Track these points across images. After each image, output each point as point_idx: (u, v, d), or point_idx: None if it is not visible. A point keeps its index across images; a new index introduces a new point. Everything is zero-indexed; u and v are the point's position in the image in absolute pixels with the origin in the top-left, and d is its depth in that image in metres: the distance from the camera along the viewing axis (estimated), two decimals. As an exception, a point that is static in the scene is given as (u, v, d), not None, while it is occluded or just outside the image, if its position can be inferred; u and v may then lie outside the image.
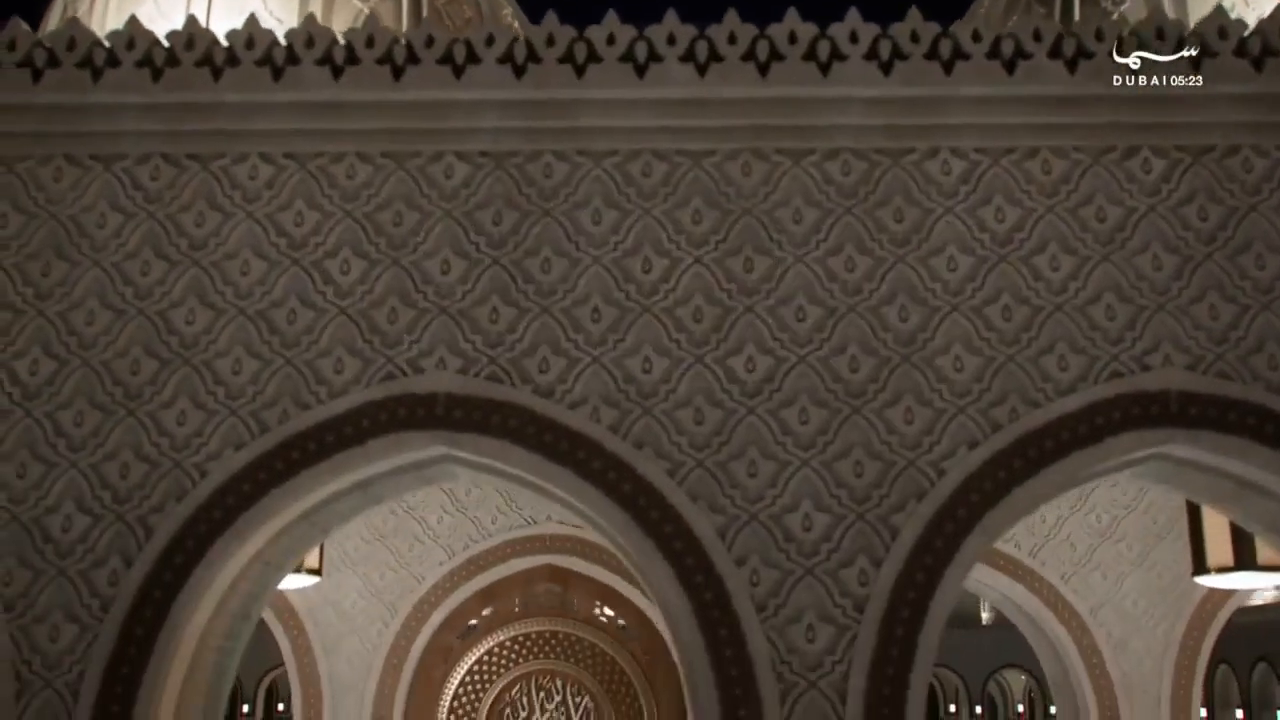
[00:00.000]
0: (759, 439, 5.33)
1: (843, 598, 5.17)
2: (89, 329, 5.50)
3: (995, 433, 5.30)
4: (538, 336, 5.45)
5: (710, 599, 5.17)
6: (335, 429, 5.35)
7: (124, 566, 5.26)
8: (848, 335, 5.43)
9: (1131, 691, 9.61)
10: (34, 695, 5.15)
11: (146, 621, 5.18)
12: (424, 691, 9.84)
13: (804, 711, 5.07)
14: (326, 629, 9.86)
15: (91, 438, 5.39)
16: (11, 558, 5.28)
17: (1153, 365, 5.35)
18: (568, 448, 5.31)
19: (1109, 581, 9.75)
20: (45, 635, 5.20)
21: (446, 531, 9.93)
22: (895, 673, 5.08)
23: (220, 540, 5.26)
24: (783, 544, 5.23)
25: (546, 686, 9.91)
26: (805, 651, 5.13)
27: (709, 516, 5.25)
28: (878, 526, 5.23)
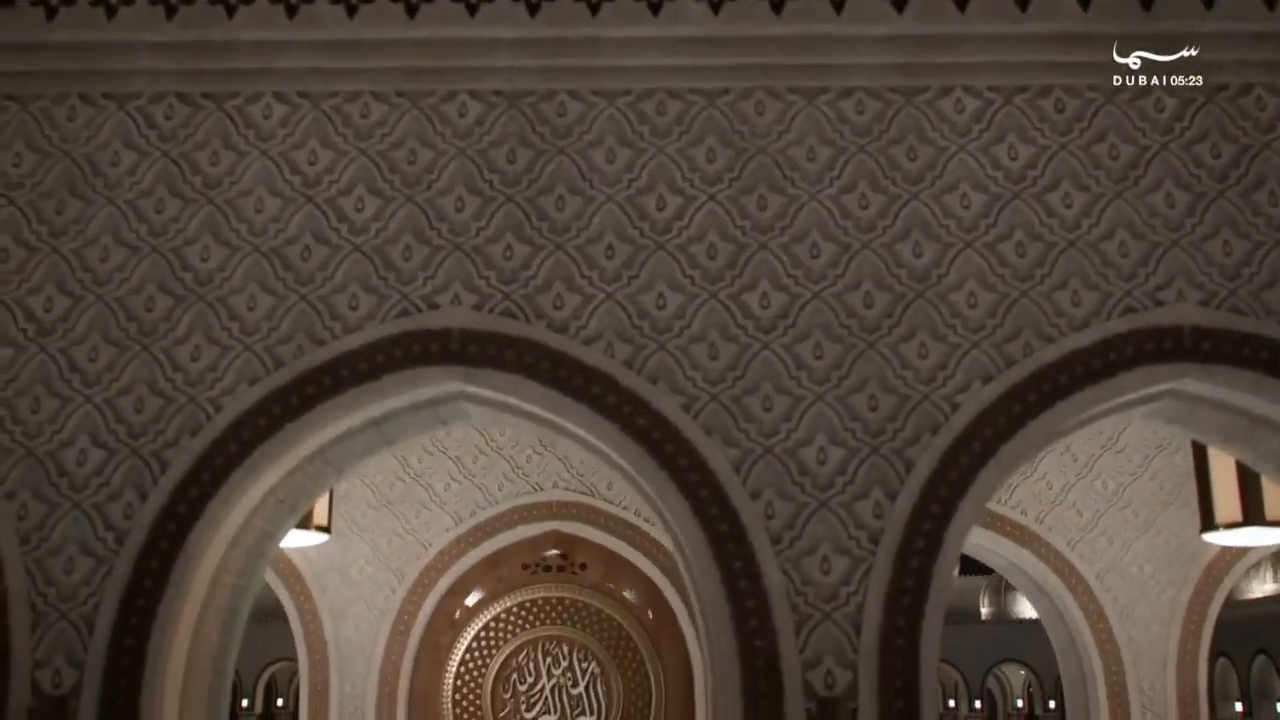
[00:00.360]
0: (773, 374, 5.34)
1: (857, 530, 5.18)
2: (103, 266, 5.50)
3: (1009, 367, 5.31)
4: (552, 273, 5.45)
5: (726, 531, 5.17)
6: (350, 364, 5.35)
7: (139, 500, 5.27)
8: (862, 271, 5.44)
9: (1138, 656, 9.63)
10: (49, 627, 5.15)
11: (161, 554, 5.19)
12: (431, 656, 9.84)
13: (819, 642, 5.08)
14: (334, 594, 9.86)
15: (106, 373, 5.39)
16: (26, 491, 5.28)
17: (1166, 301, 5.36)
18: (582, 383, 5.32)
19: (1115, 547, 9.76)
20: (60, 568, 5.20)
21: (453, 498, 9.93)
22: (910, 603, 5.09)
23: (235, 474, 5.26)
24: (797, 477, 5.24)
25: (553, 652, 9.91)
26: (820, 583, 5.14)
27: (724, 450, 5.26)
28: (892, 460, 5.24)
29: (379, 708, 9.65)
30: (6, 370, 5.40)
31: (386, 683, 9.67)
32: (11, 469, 5.30)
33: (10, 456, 5.31)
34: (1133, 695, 9.58)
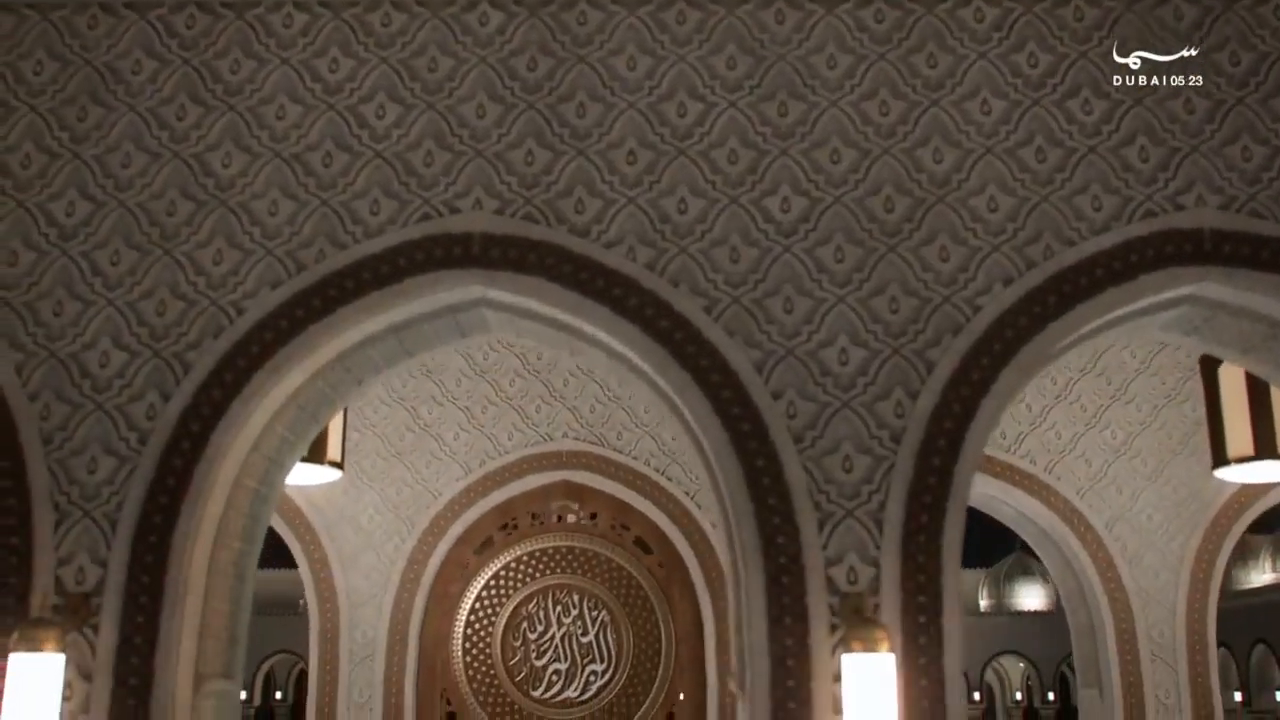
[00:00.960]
0: (795, 276, 5.35)
1: (879, 429, 5.20)
2: (124, 172, 5.51)
3: (1030, 270, 5.33)
4: (573, 178, 5.47)
5: (748, 431, 5.18)
6: (372, 267, 5.36)
7: (161, 401, 5.27)
8: (882, 177, 5.45)
9: (1147, 604, 9.64)
10: (72, 525, 5.15)
11: (184, 453, 5.19)
12: (441, 605, 9.84)
13: (841, 538, 5.09)
14: (343, 544, 9.85)
15: (128, 276, 5.40)
16: (49, 393, 5.29)
17: (1186, 205, 5.38)
18: (604, 285, 5.33)
19: (1124, 496, 9.77)
20: (83, 467, 5.21)
21: (463, 448, 9.93)
22: (932, 500, 5.10)
23: (258, 375, 5.27)
24: (819, 378, 5.25)
25: (563, 601, 9.91)
26: (842, 481, 5.15)
27: (746, 351, 5.28)
28: (913, 361, 5.26)
29: (389, 655, 9.64)
30: (29, 274, 5.41)
31: (397, 630, 9.67)
32: (34, 371, 5.31)
33: (33, 359, 5.32)
34: (1142, 642, 9.59)
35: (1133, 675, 9.56)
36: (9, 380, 5.27)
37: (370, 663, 9.68)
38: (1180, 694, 9.53)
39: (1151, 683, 9.56)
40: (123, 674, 4.99)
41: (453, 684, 9.76)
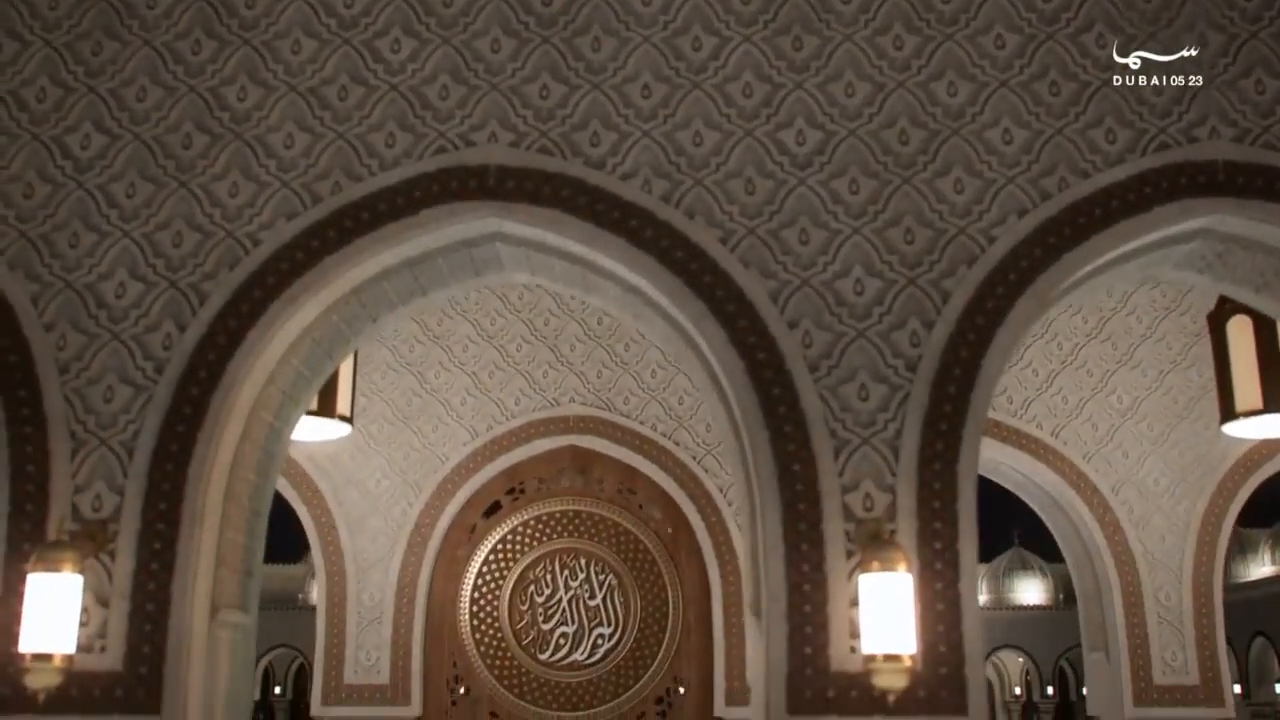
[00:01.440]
0: (810, 208, 5.36)
1: (895, 358, 5.21)
2: (140, 105, 5.51)
3: (1044, 201, 5.34)
4: (588, 112, 5.48)
5: (764, 360, 5.19)
6: (388, 199, 5.37)
7: (178, 331, 5.28)
8: (897, 110, 5.47)
9: (1154, 567, 9.65)
10: (89, 453, 5.16)
11: (201, 382, 5.20)
12: (448, 568, 9.84)
13: (857, 465, 5.10)
14: (351, 508, 9.85)
15: (144, 208, 5.41)
16: (65, 323, 5.29)
17: (1200, 138, 5.40)
18: (619, 217, 5.34)
19: (1130, 460, 9.79)
20: (99, 396, 5.21)
21: (470, 413, 9.94)
22: (948, 429, 5.11)
23: (274, 306, 5.28)
24: (835, 308, 5.26)
25: (570, 564, 9.92)
26: (858, 409, 5.16)
27: (761, 282, 5.29)
28: (929, 291, 5.27)
29: (397, 618, 9.64)
30: (45, 206, 5.41)
31: (404, 593, 9.67)
32: (50, 302, 5.31)
33: (49, 290, 5.33)
34: (1149, 605, 9.60)
35: (1139, 638, 9.57)
36: (25, 310, 5.28)
37: (378, 625, 9.69)
38: (1187, 656, 9.54)
39: (1158, 645, 9.57)
40: (139, 600, 4.99)
41: (460, 647, 9.76)
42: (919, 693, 4.86)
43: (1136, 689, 9.50)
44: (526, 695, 9.67)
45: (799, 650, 4.92)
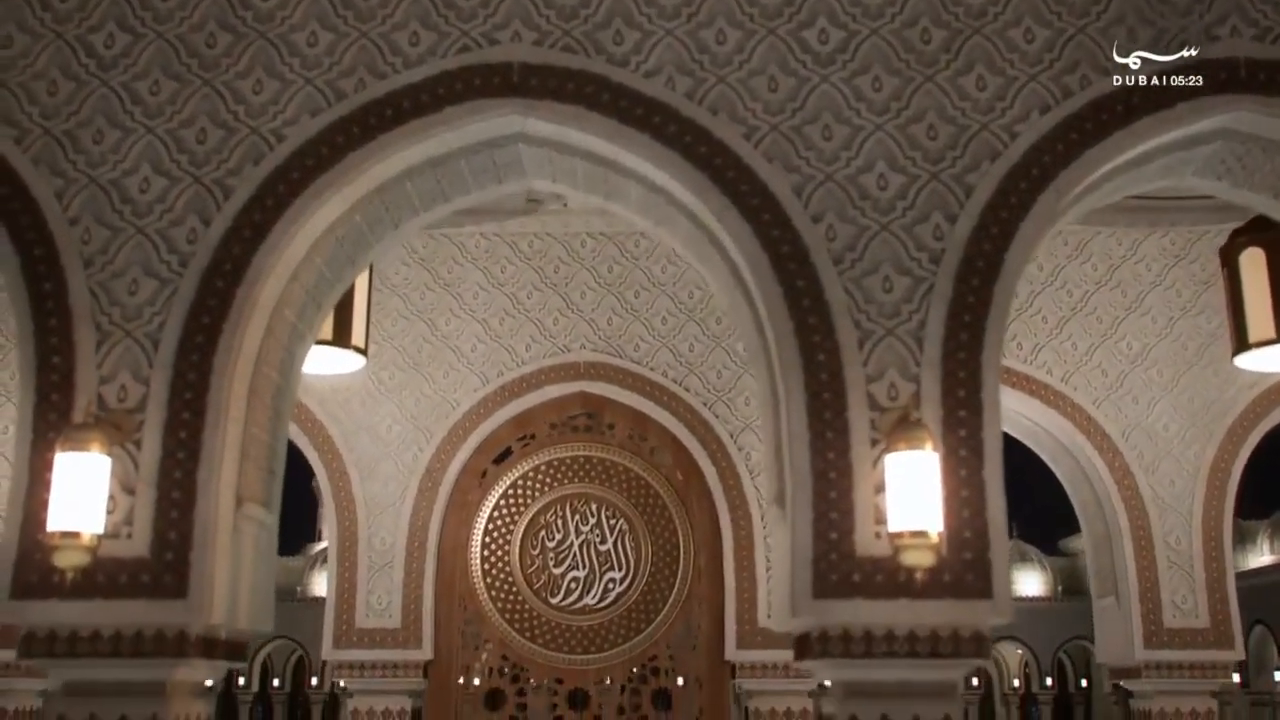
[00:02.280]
0: (833, 105, 5.38)
1: (918, 251, 5.23)
2: (163, 4, 5.52)
3: (1066, 98, 5.36)
4: (611, 10, 5.49)
5: (788, 252, 5.21)
6: (412, 96, 5.38)
7: (202, 226, 5.29)
8: (919, 9, 5.48)
9: (1164, 511, 9.68)
10: (114, 344, 5.16)
11: (226, 275, 5.21)
12: (459, 513, 9.85)
13: (881, 356, 5.12)
14: (362, 453, 9.86)
15: (168, 105, 5.42)
16: (89, 217, 5.30)
17: (1220, 36, 5.42)
18: (643, 113, 5.35)
19: (1140, 406, 9.82)
20: (124, 289, 5.22)
21: (480, 359, 9.96)
22: (972, 319, 5.13)
23: (299, 200, 5.29)
24: (858, 202, 5.28)
25: (581, 510, 9.93)
26: (882, 301, 5.18)
27: (785, 177, 5.30)
28: (951, 185, 5.29)
29: (408, 562, 9.65)
30: (69, 103, 5.42)
31: (415, 538, 9.68)
32: (74, 197, 5.32)
33: (73, 185, 5.33)
34: (1159, 549, 9.63)
35: (1149, 581, 9.60)
36: (50, 205, 5.29)
37: (389, 570, 9.70)
38: (1196, 599, 9.58)
39: (1168, 589, 9.60)
40: (165, 488, 5.00)
41: (471, 590, 9.77)
42: (944, 576, 4.88)
43: (1147, 632, 9.53)
44: (538, 639, 9.67)
45: (824, 536, 4.93)
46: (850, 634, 4.91)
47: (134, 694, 4.97)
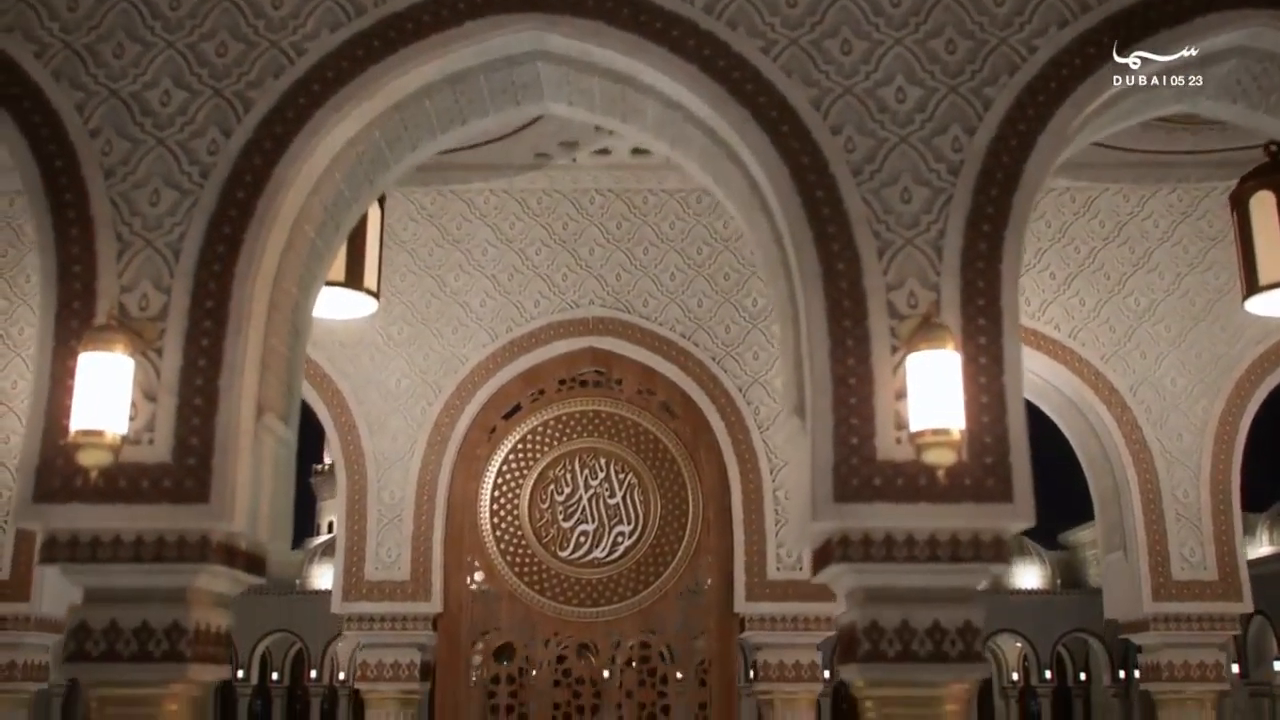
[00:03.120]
0: (851, 19, 5.40)
1: (937, 162, 5.25)
2: (184, -78, 5.53)
3: (1085, 13, 5.39)
4: (631, -72, 5.50)
5: (807, 164, 5.23)
6: (432, 10, 5.40)
7: (223, 138, 5.30)
8: (937, -73, 5.50)
9: (1172, 465, 9.70)
10: (135, 254, 5.18)
11: (247, 185, 5.22)
12: (468, 467, 9.86)
13: (901, 265, 5.14)
14: (370, 408, 9.87)
15: (188, 19, 5.43)
16: (110, 129, 5.31)
17: (1237, -49, 5.44)
18: (662, 27, 5.37)
19: (1148, 361, 9.84)
20: (145, 200, 5.23)
21: (489, 315, 9.97)
22: (991, 229, 5.15)
23: (318, 113, 5.30)
24: (877, 115, 5.30)
25: (590, 464, 9.94)
26: (901, 212, 5.20)
27: (804, 89, 5.32)
28: (970, 98, 5.31)
29: (417, 516, 9.66)
30: (89, 18, 5.43)
31: (424, 492, 9.68)
32: (95, 109, 5.33)
33: (94, 98, 5.35)
34: (1167, 503, 9.64)
35: (1158, 534, 9.62)
36: (71, 118, 5.30)
37: (398, 524, 9.70)
38: (1205, 551, 9.59)
39: (1176, 541, 9.61)
40: (187, 395, 5.01)
41: (479, 544, 9.78)
42: (964, 480, 4.90)
43: (1155, 584, 9.55)
44: (547, 591, 9.68)
45: (845, 441, 4.95)
46: (871, 538, 4.93)
47: (155, 600, 4.99)
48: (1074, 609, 46.58)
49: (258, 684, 48.45)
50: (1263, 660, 38.92)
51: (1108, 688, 46.89)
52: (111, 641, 4.93)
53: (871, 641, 4.93)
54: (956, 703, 4.93)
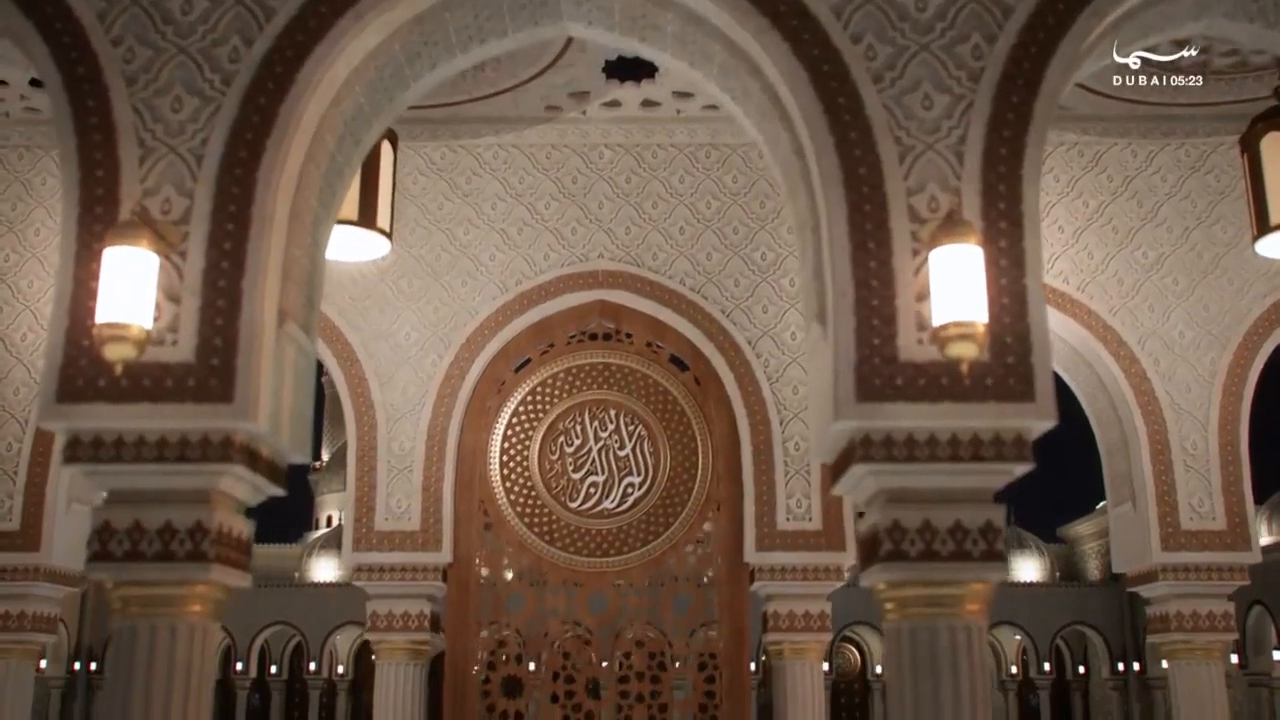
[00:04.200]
0: (871, -70, 5.42)
1: (958, 69, 5.26)
2: None
3: (1103, -76, 5.40)
4: None
5: (828, 70, 5.24)
6: (453, -80, 5.41)
7: (244, 45, 5.31)
8: None
9: (1180, 416, 9.72)
10: (157, 160, 5.18)
11: (269, 92, 5.23)
12: (478, 419, 9.87)
13: (922, 169, 5.16)
14: (381, 360, 9.89)
15: (210, -71, 5.44)
16: (132, 37, 5.31)
17: None
18: (682, -62, 5.39)
19: (1156, 314, 9.87)
20: (167, 106, 5.24)
21: (499, 268, 10.00)
22: (1012, 134, 5.17)
23: (340, 21, 5.31)
24: (898, 23, 5.32)
25: (600, 416, 9.95)
26: (922, 118, 5.22)
27: (824, -1, 5.33)
28: (990, 6, 5.32)
29: (427, 467, 9.67)
30: (110, -71, 5.43)
31: (434, 443, 9.70)
32: (117, 18, 5.34)
33: (115, 6, 5.35)
34: (1175, 454, 9.67)
35: (1166, 485, 9.64)
36: (93, 26, 5.30)
37: (408, 474, 9.72)
38: (1213, 501, 9.61)
39: (1185, 492, 9.64)
40: (211, 296, 5.02)
41: (490, 494, 9.79)
42: (986, 380, 4.92)
43: (1164, 534, 9.57)
44: (556, 541, 9.70)
45: (867, 341, 4.96)
46: (893, 438, 4.94)
47: (178, 501, 5.00)
48: (1073, 602, 46.59)
49: (256, 677, 48.35)
50: (1262, 650, 38.93)
51: (1106, 680, 46.87)
52: (135, 541, 4.94)
53: (894, 541, 4.94)
54: (978, 602, 4.94)
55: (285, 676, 49.92)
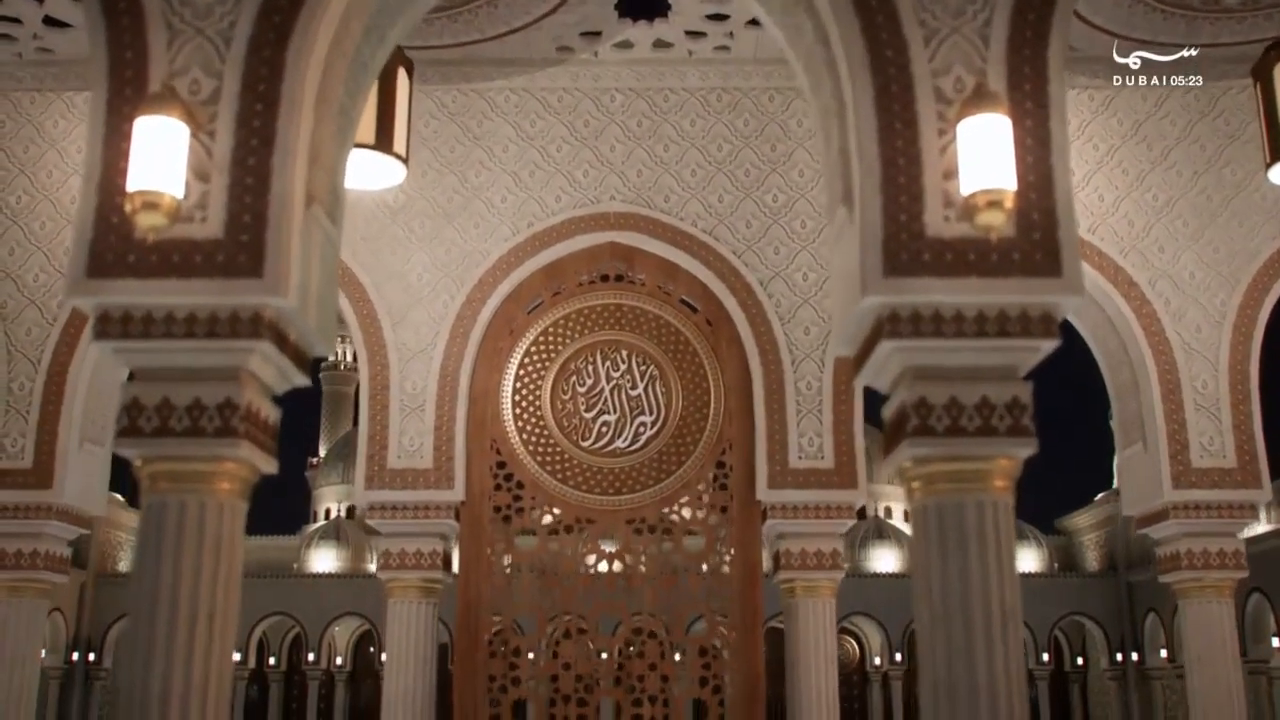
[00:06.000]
0: None
1: None
2: None
3: None
4: None
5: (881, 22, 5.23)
6: None
7: (272, -69, 5.32)
8: None
9: (1191, 356, 9.76)
10: (185, 42, 5.19)
11: (296, -22, 5.24)
12: (490, 360, 9.88)
13: (948, 52, 5.16)
14: (393, 301, 9.91)
15: None
16: (159, -76, 5.32)
17: None
18: None
19: (1166, 255, 9.92)
20: (195, -10, 5.25)
21: (511, 210, 10.02)
22: (1036, 17, 5.19)
23: (366, -88, 5.33)
24: None
25: (611, 356, 9.97)
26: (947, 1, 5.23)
27: (850, -110, 5.35)
28: (1018, -73, 5.34)
29: (439, 405, 9.68)
30: None
31: (446, 382, 9.72)
32: (144, -95, 5.34)
33: (142, -105, 5.36)
34: (1186, 393, 9.70)
35: (1177, 423, 9.67)
36: (120, -86, 5.31)
37: (420, 413, 9.73)
38: (1224, 440, 9.65)
39: (1195, 431, 9.67)
40: (239, 174, 5.02)
41: (502, 433, 9.80)
42: (1013, 255, 4.94)
43: (1175, 472, 9.60)
44: (569, 480, 9.71)
45: (894, 218, 4.98)
46: (920, 313, 4.96)
47: (207, 379, 5.00)
48: (1071, 593, 46.64)
49: (255, 668, 48.31)
50: (1261, 637, 39.00)
51: (1105, 671, 46.92)
52: (164, 417, 4.94)
53: (920, 417, 4.96)
54: (1005, 478, 4.96)
55: (284, 668, 49.91)
